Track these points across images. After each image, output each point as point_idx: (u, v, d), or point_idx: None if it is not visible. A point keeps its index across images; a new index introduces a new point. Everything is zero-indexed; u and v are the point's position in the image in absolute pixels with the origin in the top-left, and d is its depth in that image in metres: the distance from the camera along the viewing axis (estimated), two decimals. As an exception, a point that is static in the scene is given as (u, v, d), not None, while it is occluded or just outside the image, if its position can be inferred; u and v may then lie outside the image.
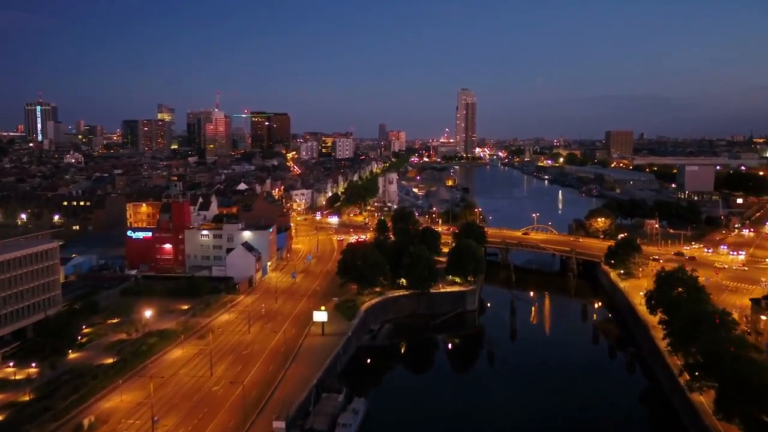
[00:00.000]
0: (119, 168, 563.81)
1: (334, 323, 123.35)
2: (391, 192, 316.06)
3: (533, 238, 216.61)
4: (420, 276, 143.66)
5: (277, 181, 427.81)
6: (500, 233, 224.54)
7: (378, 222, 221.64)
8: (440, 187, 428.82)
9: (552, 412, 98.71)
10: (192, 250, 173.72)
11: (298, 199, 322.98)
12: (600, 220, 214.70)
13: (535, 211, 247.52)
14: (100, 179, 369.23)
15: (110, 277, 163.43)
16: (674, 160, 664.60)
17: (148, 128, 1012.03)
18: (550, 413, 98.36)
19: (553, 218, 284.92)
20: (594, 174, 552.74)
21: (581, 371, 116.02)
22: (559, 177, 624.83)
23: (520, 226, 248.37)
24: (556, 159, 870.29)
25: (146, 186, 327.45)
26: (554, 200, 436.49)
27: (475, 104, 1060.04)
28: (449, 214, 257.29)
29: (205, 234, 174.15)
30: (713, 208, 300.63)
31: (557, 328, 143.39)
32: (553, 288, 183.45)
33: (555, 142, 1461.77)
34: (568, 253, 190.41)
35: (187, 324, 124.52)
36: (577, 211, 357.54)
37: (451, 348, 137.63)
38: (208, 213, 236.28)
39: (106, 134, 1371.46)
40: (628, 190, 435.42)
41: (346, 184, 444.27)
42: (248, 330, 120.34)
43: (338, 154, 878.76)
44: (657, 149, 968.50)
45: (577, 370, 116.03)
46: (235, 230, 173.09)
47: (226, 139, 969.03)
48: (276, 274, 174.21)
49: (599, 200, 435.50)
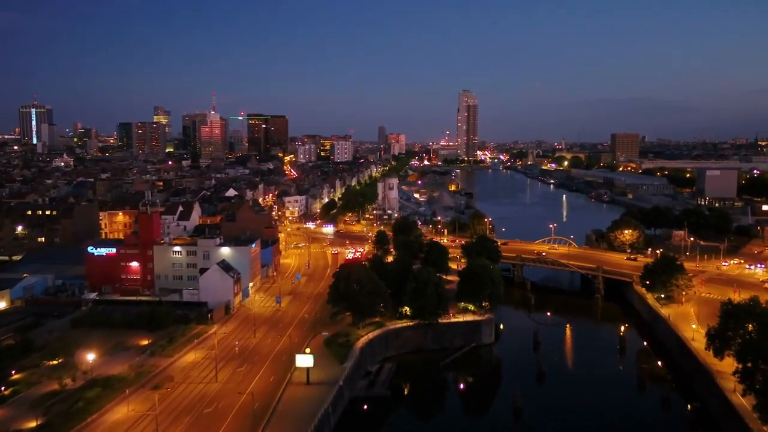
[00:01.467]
0: (108, 171, 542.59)
1: (322, 367, 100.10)
2: (391, 198, 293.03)
3: (552, 253, 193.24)
4: (427, 304, 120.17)
5: (270, 186, 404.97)
6: (514, 247, 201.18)
7: (377, 234, 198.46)
8: (443, 192, 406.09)
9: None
10: (162, 269, 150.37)
11: (291, 206, 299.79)
12: (627, 232, 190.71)
13: (546, 218, 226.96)
14: (81, 184, 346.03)
15: (64, 302, 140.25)
16: (684, 164, 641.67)
17: (142, 131, 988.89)
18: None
19: (567, 228, 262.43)
20: (603, 178, 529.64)
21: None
22: (565, 181, 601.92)
23: (532, 235, 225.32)
24: (560, 162, 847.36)
25: (127, 192, 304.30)
26: (563, 206, 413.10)
27: (476, 106, 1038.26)
28: (455, 223, 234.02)
29: (177, 250, 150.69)
30: (739, 215, 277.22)
31: (591, 368, 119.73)
32: (576, 311, 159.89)
33: (556, 145, 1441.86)
34: (593, 271, 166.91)
35: (142, 367, 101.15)
36: (590, 219, 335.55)
37: (465, 389, 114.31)
38: (188, 223, 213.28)
39: (102, 137, 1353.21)
40: (641, 195, 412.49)
41: (344, 189, 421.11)
42: (215, 377, 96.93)
43: (337, 158, 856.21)
44: (663, 152, 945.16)
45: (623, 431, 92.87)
46: (212, 246, 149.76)
47: (221, 142, 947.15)
48: (259, 296, 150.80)
49: (611, 206, 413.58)
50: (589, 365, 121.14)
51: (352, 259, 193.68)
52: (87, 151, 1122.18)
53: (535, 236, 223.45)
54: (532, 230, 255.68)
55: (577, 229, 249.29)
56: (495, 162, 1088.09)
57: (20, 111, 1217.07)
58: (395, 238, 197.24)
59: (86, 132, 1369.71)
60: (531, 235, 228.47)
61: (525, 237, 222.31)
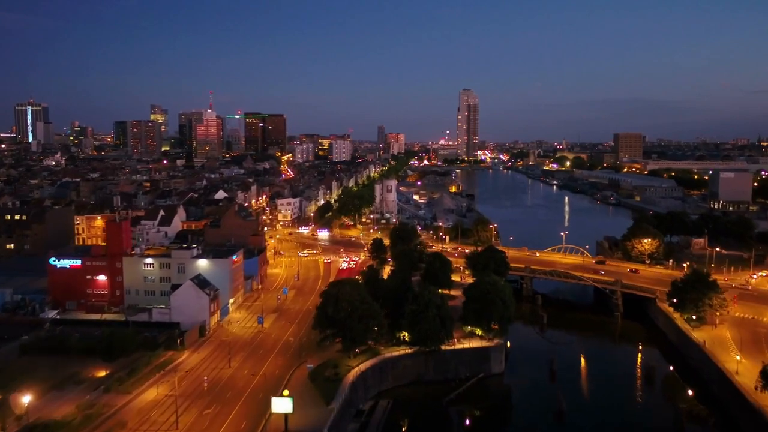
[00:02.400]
0: (99, 171, 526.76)
1: (305, 409, 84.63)
2: (389, 201, 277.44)
3: (563, 262, 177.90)
4: (429, 329, 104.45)
5: (265, 187, 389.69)
6: (521, 256, 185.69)
7: (373, 242, 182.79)
8: (443, 194, 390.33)
9: None
10: (132, 283, 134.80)
11: (284, 210, 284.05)
12: (646, 241, 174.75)
13: (552, 222, 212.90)
14: (65, 185, 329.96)
15: (20, 320, 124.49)
16: (690, 165, 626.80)
17: (137, 129, 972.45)
18: None
19: (575, 233, 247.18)
20: (608, 179, 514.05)
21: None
22: (568, 182, 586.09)
23: (539, 242, 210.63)
24: (563, 163, 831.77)
25: (112, 194, 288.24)
26: (568, 209, 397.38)
27: (477, 105, 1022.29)
28: (458, 229, 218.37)
29: (149, 263, 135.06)
30: (757, 220, 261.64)
31: (616, 402, 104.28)
32: (593, 330, 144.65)
33: (556, 145, 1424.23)
34: (611, 285, 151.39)
35: (92, 408, 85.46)
36: (599, 224, 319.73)
37: (472, 427, 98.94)
38: (170, 229, 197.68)
39: (100, 135, 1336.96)
40: (648, 197, 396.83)
41: (341, 191, 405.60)
42: (176, 425, 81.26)
43: (335, 157, 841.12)
44: (666, 152, 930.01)
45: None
46: (188, 258, 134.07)
47: (217, 141, 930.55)
48: (240, 314, 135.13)
49: (618, 209, 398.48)
50: (613, 399, 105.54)
51: (346, 269, 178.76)
52: (82, 149, 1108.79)
53: (542, 242, 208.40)
54: (538, 236, 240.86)
55: (586, 235, 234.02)
56: (495, 162, 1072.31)
57: (16, 109, 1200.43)
58: (393, 247, 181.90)
59: (82, 130, 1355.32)
60: (538, 241, 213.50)
61: (533, 244, 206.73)
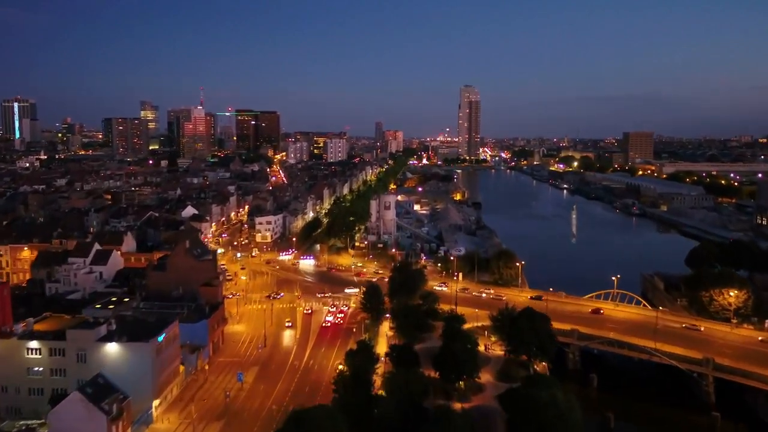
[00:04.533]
0: (73, 174, 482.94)
1: None
2: (387, 220, 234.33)
3: (618, 317, 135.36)
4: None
5: (248, 195, 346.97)
6: (559, 306, 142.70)
7: (367, 291, 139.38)
8: (448, 204, 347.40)
9: None
10: (12, 378, 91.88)
11: (263, 230, 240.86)
12: (732, 293, 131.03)
13: (577, 241, 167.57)
14: (14, 197, 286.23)
15: None
16: (710, 167, 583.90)
17: (123, 127, 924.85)
18: None
19: (606, 257, 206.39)
20: (626, 184, 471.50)
21: None
22: (580, 186, 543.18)
23: (571, 272, 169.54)
24: (569, 163, 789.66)
25: (60, 210, 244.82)
26: (587, 220, 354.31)
27: (478, 102, 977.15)
28: (473, 261, 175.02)
29: (34, 348, 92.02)
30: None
31: None
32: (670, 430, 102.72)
33: (556, 141, 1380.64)
34: (697, 366, 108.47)
35: None
36: (629, 242, 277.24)
37: None
38: (106, 268, 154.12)
39: (91, 132, 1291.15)
40: (677, 208, 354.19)
41: (333, 200, 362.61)
42: None
43: (330, 157, 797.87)
44: (677, 152, 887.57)
45: None
46: (90, 341, 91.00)
47: (206, 139, 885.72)
48: (169, 422, 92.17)
49: (642, 221, 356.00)
50: None
51: (331, 325, 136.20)
52: (68, 147, 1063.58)
53: (577, 279, 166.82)
54: (569, 264, 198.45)
55: (623, 263, 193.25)
56: (496, 160, 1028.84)
57: (3, 105, 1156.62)
58: (393, 294, 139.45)
59: (70, 127, 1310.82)
60: (571, 273, 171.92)
61: (567, 283, 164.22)
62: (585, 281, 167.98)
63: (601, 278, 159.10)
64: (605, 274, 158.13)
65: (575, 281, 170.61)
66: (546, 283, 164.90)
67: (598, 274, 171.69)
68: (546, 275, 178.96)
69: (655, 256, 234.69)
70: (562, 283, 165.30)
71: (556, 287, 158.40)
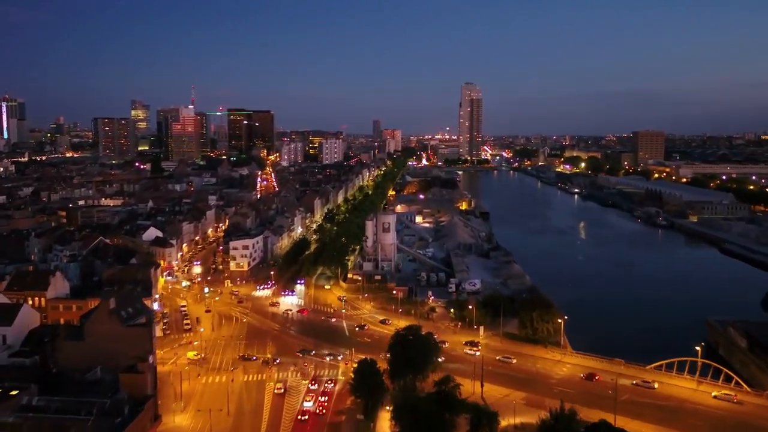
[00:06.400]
0: (44, 180, 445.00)
1: None
2: (386, 245, 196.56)
3: (704, 403, 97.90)
4: None
5: (230, 207, 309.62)
6: (614, 378, 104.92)
7: (357, 368, 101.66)
8: (453, 216, 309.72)
9: None
10: None
11: (238, 255, 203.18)
12: None
13: (600, 258, 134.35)
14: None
15: None
16: (732, 169, 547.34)
17: (109, 128, 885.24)
18: None
19: (648, 291, 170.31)
20: (645, 189, 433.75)
21: None
22: (592, 190, 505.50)
23: (613, 322, 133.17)
24: (576, 163, 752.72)
25: None
26: (609, 233, 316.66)
27: (480, 101, 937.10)
28: (498, 305, 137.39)
29: None
30: None
31: None
32: None
33: (556, 139, 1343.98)
34: None
35: None
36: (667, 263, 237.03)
37: None
38: (11, 330, 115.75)
39: (84, 132, 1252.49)
40: (709, 220, 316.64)
41: (325, 211, 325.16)
42: None
43: (325, 158, 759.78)
44: (687, 152, 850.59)
45: None
46: None
47: (195, 140, 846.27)
48: None
49: (670, 233, 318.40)
50: None
51: (309, 418, 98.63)
52: (56, 148, 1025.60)
53: (617, 320, 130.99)
54: (610, 309, 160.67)
55: (661, 291, 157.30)
56: (498, 160, 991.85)
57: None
58: (395, 373, 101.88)
59: (59, 127, 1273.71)
60: (611, 316, 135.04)
61: (609, 333, 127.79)
62: (635, 333, 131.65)
63: (655, 327, 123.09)
64: (657, 321, 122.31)
65: (620, 330, 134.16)
66: (584, 336, 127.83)
67: (647, 319, 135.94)
68: (579, 316, 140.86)
69: (703, 283, 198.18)
70: (606, 337, 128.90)
71: (601, 345, 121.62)
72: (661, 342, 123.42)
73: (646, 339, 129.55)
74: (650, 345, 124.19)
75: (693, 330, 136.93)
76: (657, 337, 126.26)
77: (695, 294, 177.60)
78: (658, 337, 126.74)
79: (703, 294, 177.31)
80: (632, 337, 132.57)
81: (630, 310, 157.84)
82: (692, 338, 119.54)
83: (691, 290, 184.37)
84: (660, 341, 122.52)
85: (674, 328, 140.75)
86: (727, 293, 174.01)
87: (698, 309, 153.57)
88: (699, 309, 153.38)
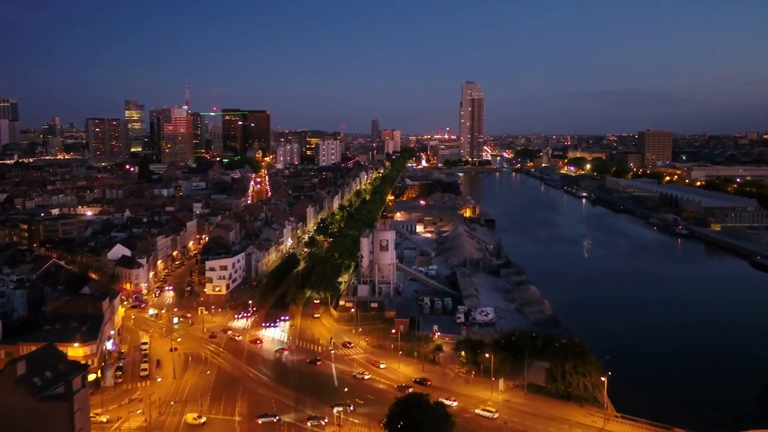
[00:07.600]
0: (26, 185, 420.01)
1: None
2: (383, 265, 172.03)
3: None
4: None
5: (215, 214, 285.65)
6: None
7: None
8: (458, 225, 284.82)
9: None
10: None
11: (215, 277, 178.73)
12: None
13: (625, 280, 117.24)
14: None
15: None
16: (746, 171, 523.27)
17: (100, 129, 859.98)
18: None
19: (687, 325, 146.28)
20: (660, 194, 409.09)
21: None
22: (601, 194, 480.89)
23: (661, 371, 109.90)
24: (581, 165, 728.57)
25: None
26: (626, 243, 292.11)
27: (482, 100, 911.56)
28: (520, 349, 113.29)
29: None
30: None
31: None
32: None
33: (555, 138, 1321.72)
34: None
35: None
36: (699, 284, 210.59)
37: None
38: None
39: (79, 132, 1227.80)
40: (734, 229, 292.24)
41: (319, 219, 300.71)
42: None
43: (322, 160, 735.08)
44: (696, 152, 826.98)
45: None
46: None
47: (188, 141, 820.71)
48: None
49: (691, 243, 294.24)
50: None
51: None
52: (47, 150, 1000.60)
53: (666, 368, 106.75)
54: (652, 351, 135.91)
55: (707, 326, 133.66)
56: (499, 161, 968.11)
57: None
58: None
59: (51, 128, 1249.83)
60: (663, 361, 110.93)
61: (658, 386, 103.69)
62: (690, 387, 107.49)
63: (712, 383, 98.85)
64: (713, 368, 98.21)
65: (668, 382, 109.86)
66: (626, 388, 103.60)
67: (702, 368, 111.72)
68: (618, 362, 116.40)
69: (743, 309, 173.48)
70: (654, 392, 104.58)
71: (650, 403, 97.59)
72: (729, 401, 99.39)
73: (702, 396, 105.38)
74: (711, 403, 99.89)
75: (733, 363, 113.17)
76: (717, 393, 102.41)
77: (745, 323, 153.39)
78: (719, 393, 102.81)
79: (753, 322, 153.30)
80: (687, 392, 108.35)
81: (674, 353, 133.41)
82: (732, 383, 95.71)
83: (724, 309, 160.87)
84: (727, 400, 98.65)
85: (734, 382, 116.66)
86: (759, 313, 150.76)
87: (740, 337, 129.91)
88: (740, 338, 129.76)
